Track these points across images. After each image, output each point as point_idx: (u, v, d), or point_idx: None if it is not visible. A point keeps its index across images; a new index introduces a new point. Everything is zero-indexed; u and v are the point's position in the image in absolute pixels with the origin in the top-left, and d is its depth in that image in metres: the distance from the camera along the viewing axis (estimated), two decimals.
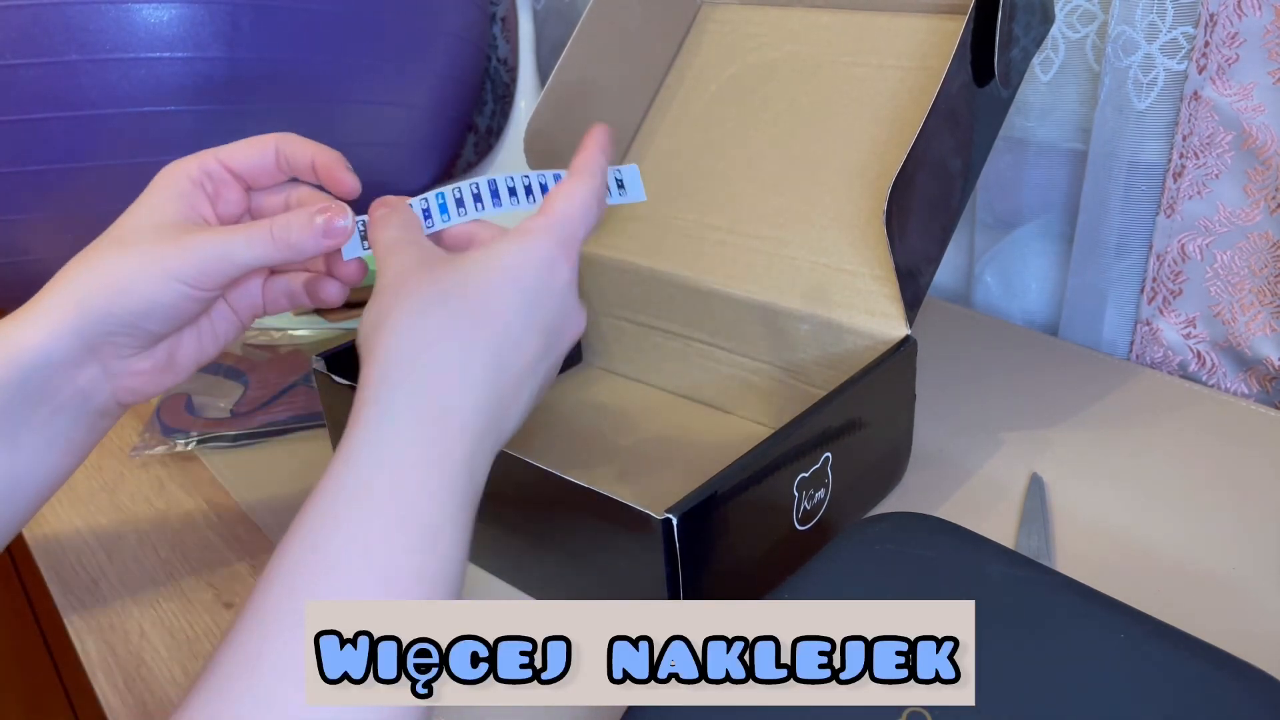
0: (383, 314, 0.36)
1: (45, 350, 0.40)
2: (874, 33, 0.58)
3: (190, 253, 0.41)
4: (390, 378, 0.35)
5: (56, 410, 0.42)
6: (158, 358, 0.44)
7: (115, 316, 0.41)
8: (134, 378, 0.44)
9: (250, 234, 0.41)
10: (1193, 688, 0.32)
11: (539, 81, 0.93)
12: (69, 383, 0.42)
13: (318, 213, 0.42)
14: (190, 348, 0.46)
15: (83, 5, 0.67)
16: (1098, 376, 0.62)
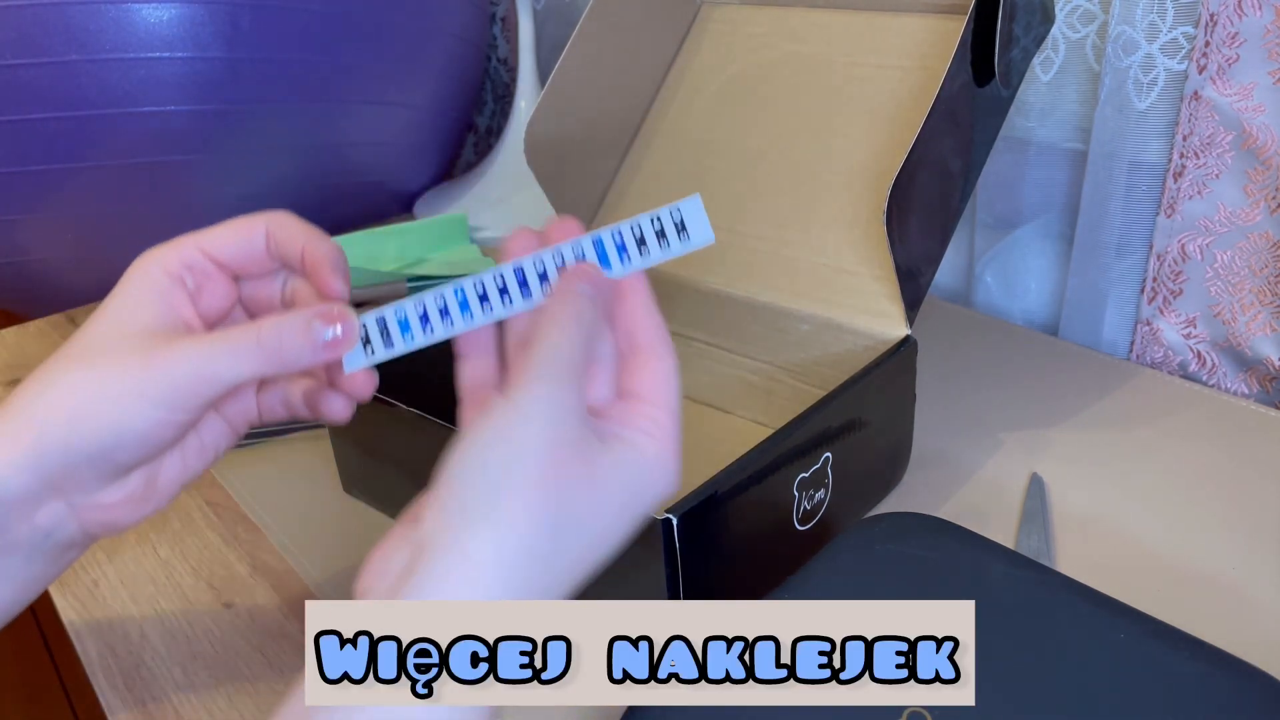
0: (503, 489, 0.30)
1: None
2: (874, 33, 0.58)
3: (165, 372, 0.34)
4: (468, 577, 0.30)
5: (8, 549, 0.35)
6: (132, 487, 0.37)
7: (77, 449, 0.34)
8: (104, 511, 0.37)
9: (234, 345, 0.35)
10: (1193, 688, 0.32)
11: (539, 81, 0.93)
12: (24, 520, 0.35)
13: (315, 318, 0.35)
14: (173, 470, 0.38)
15: (83, 5, 0.67)
16: (1098, 376, 0.62)
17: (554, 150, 0.61)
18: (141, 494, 0.37)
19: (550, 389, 0.32)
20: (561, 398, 0.32)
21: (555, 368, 0.32)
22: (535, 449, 0.31)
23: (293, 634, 0.47)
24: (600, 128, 0.64)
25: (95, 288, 0.84)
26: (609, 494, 0.32)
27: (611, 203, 0.65)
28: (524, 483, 0.30)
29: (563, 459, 0.31)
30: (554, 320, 0.34)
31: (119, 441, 0.34)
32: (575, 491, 0.31)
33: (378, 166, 0.89)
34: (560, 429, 0.31)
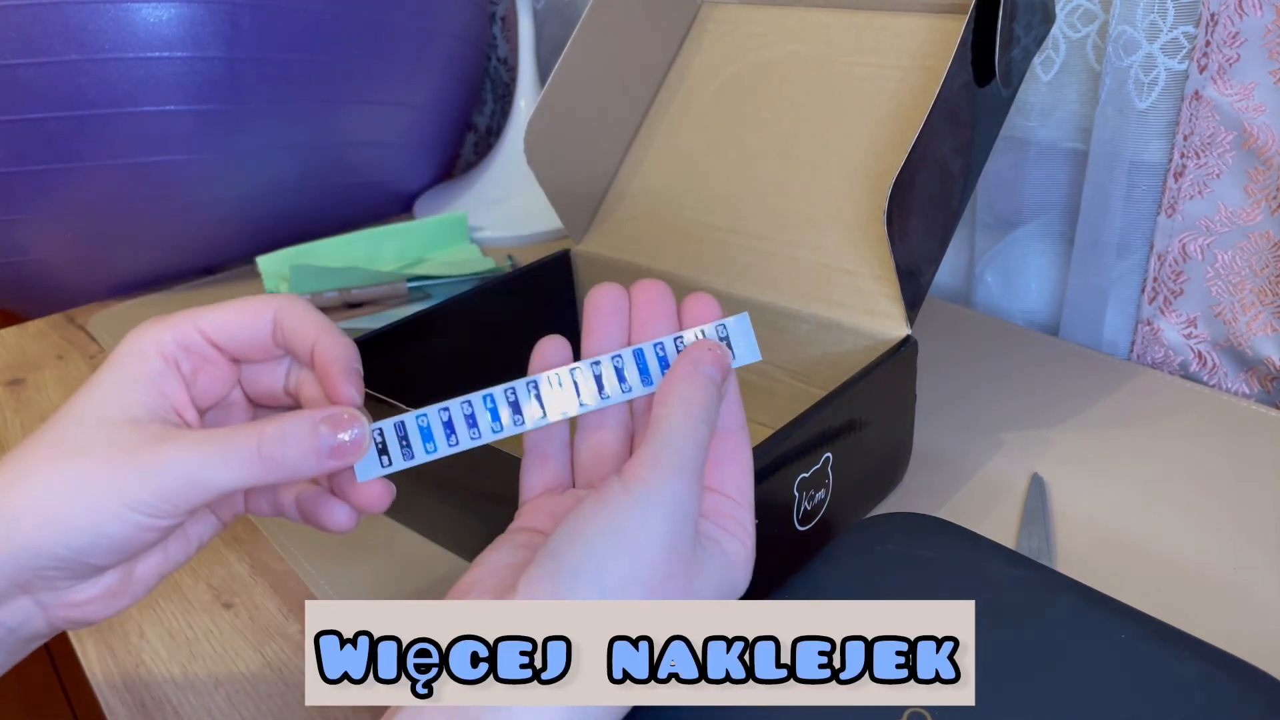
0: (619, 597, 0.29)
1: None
2: (874, 32, 0.58)
3: (152, 476, 0.31)
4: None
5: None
6: (106, 584, 0.34)
7: (48, 551, 0.31)
8: (75, 609, 0.34)
9: (231, 452, 0.32)
10: (1193, 688, 0.31)
11: (539, 81, 0.93)
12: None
13: (321, 423, 0.32)
14: (152, 565, 0.35)
15: (83, 5, 0.67)
16: (1098, 376, 0.62)
17: (554, 150, 0.61)
18: (116, 589, 0.34)
19: (673, 487, 0.31)
20: (683, 497, 0.31)
21: (679, 461, 0.31)
22: (653, 557, 0.30)
23: (293, 634, 0.47)
24: (600, 128, 0.64)
25: (95, 288, 0.84)
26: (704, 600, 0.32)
27: (611, 203, 0.65)
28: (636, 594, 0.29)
29: (674, 571, 0.30)
30: (682, 403, 0.32)
31: (95, 546, 0.32)
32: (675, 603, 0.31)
33: (378, 166, 0.89)
34: (678, 534, 0.30)
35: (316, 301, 0.77)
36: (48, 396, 0.71)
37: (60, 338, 0.80)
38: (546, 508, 0.36)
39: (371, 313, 0.77)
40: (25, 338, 0.80)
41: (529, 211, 0.90)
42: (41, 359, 0.77)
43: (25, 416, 0.69)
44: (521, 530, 0.35)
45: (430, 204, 0.96)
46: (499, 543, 0.34)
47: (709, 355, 0.34)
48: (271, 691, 0.44)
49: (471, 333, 0.60)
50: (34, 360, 0.77)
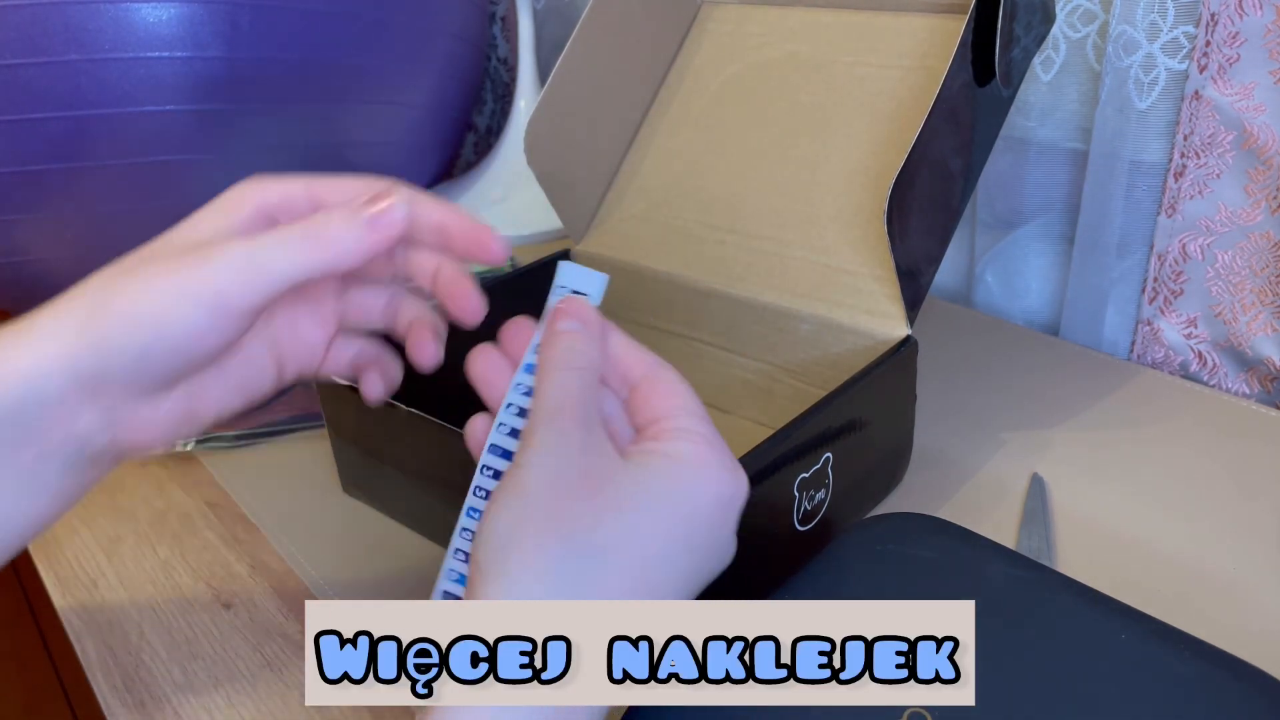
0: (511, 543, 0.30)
1: (34, 384, 0.33)
2: (875, 32, 0.58)
3: (211, 267, 0.33)
4: None
5: (45, 455, 0.34)
6: (171, 408, 0.36)
7: (116, 349, 0.33)
8: (139, 429, 0.36)
9: (282, 237, 0.34)
10: (1193, 688, 0.31)
11: (539, 81, 0.93)
12: (61, 426, 0.34)
13: (366, 204, 0.35)
14: (213, 397, 0.37)
15: (83, 5, 0.67)
16: (1098, 376, 0.62)
17: (554, 150, 0.61)
18: (180, 417, 0.36)
19: (545, 434, 0.32)
20: (557, 438, 0.32)
21: (550, 412, 0.32)
22: (536, 495, 0.31)
23: (292, 634, 0.47)
24: (600, 128, 0.64)
25: None
26: (642, 510, 0.31)
27: (611, 202, 0.65)
28: (528, 530, 0.30)
29: (572, 489, 0.31)
30: (543, 369, 0.34)
31: (158, 343, 0.33)
32: (593, 516, 0.31)
33: (378, 166, 0.89)
34: (561, 467, 0.31)
35: None
36: None
37: None
38: None
39: None
40: None
41: (529, 211, 0.90)
42: None
43: None
44: None
45: None
46: None
47: (558, 314, 0.36)
48: (271, 691, 0.44)
49: (472, 333, 0.60)
50: None
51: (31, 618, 1.47)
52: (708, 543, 0.33)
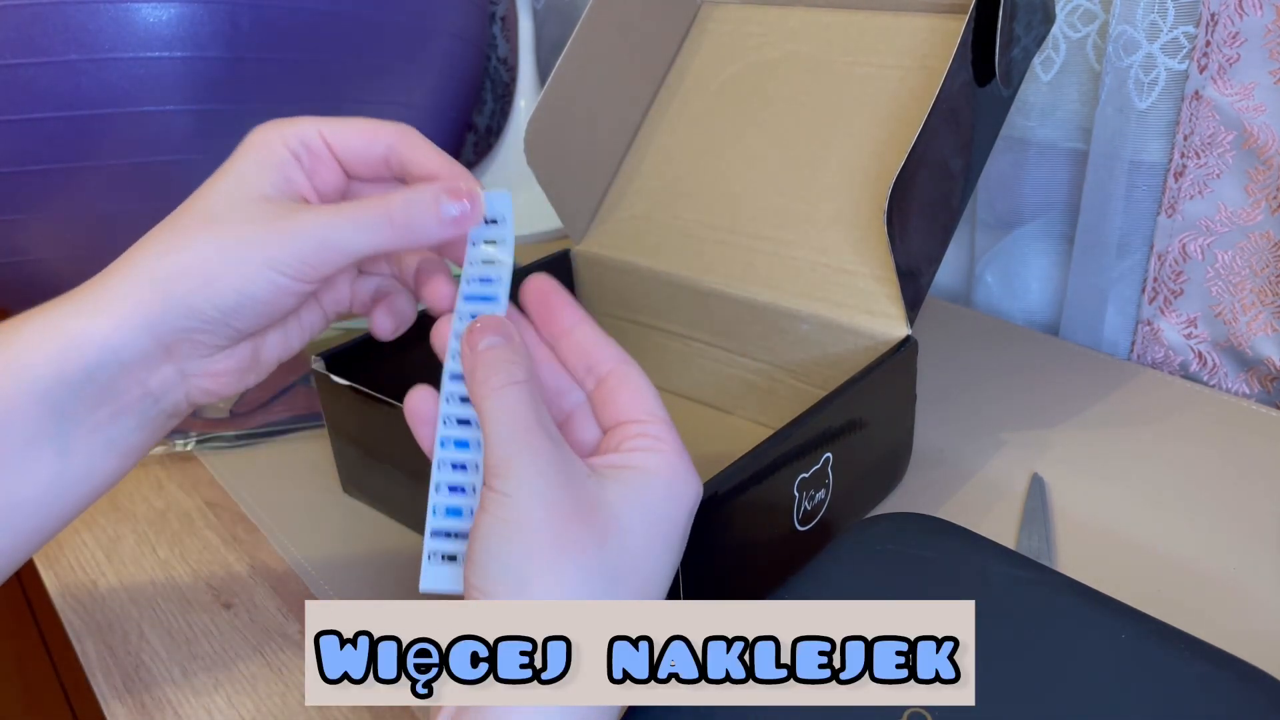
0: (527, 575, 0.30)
1: (112, 346, 0.34)
2: (875, 32, 0.58)
3: (293, 239, 0.35)
4: None
5: (119, 412, 0.36)
6: (241, 356, 0.38)
7: (199, 312, 0.35)
8: (213, 379, 0.38)
9: (364, 218, 0.35)
10: (1193, 688, 0.31)
11: (539, 81, 0.93)
12: (138, 384, 0.36)
13: (442, 193, 0.37)
14: (276, 344, 0.40)
15: (83, 5, 0.67)
16: (1098, 377, 0.62)
17: (554, 150, 0.61)
18: (248, 365, 0.38)
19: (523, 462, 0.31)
20: (537, 464, 0.32)
21: (517, 439, 0.32)
22: (536, 526, 0.31)
23: (292, 634, 0.47)
24: (600, 128, 0.64)
25: None
26: (633, 533, 0.32)
27: (611, 202, 0.65)
28: (540, 558, 0.30)
29: (570, 521, 0.31)
30: (484, 391, 0.33)
31: (241, 307, 0.35)
32: (594, 548, 0.31)
33: None
34: (552, 492, 0.31)
35: None
36: None
37: None
38: None
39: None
40: None
41: (529, 211, 0.90)
42: None
43: None
44: None
45: None
46: None
47: (475, 335, 0.35)
48: (271, 691, 0.44)
49: None
50: None
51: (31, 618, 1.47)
52: (680, 546, 0.34)
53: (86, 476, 0.36)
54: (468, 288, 0.38)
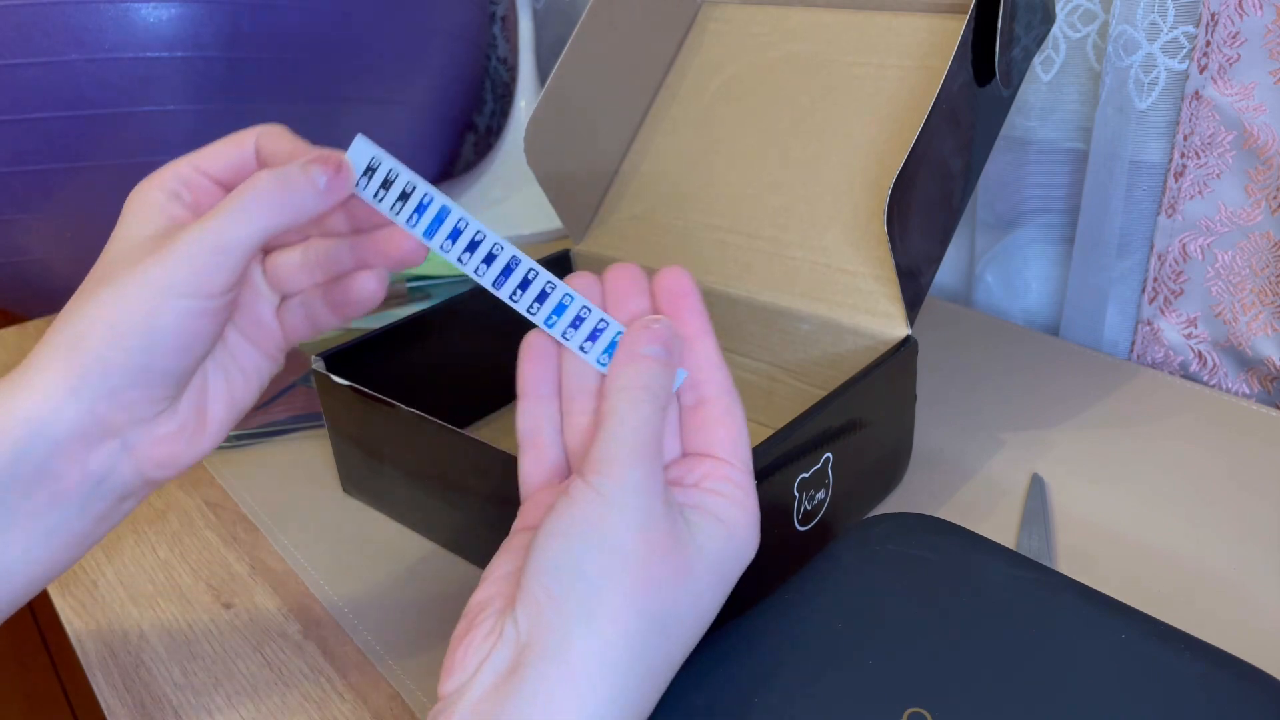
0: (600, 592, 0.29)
1: (40, 421, 0.33)
2: (875, 32, 0.58)
3: (179, 256, 0.33)
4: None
5: (58, 497, 0.34)
6: (184, 416, 0.36)
7: (116, 363, 0.33)
8: (159, 445, 0.35)
9: (234, 205, 0.34)
10: (1193, 688, 0.31)
11: (539, 81, 0.93)
12: (76, 465, 0.34)
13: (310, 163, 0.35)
14: (220, 395, 0.38)
15: (83, 5, 0.67)
16: (1099, 376, 0.62)
17: (554, 150, 0.61)
18: (195, 425, 0.36)
19: (636, 476, 0.31)
20: (648, 484, 0.31)
21: (632, 448, 0.31)
22: (628, 543, 0.30)
23: (292, 634, 0.47)
24: (600, 127, 0.64)
25: None
26: (704, 579, 0.32)
27: (611, 202, 0.65)
28: (621, 581, 0.30)
29: (654, 551, 0.30)
30: (626, 392, 0.33)
31: (154, 344, 0.33)
32: (670, 585, 0.30)
33: None
34: (648, 516, 0.31)
35: None
36: None
37: None
38: (546, 502, 0.36)
39: (371, 313, 0.76)
40: (25, 338, 0.80)
41: (529, 211, 0.90)
42: None
43: None
44: (521, 531, 0.35)
45: None
46: (503, 548, 0.34)
47: (645, 336, 0.34)
48: (271, 691, 0.44)
49: (471, 333, 0.60)
50: None
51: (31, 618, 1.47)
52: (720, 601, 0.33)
53: (23, 568, 0.34)
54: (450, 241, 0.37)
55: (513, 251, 0.36)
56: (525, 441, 0.37)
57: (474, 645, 0.30)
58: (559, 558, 0.30)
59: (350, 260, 0.38)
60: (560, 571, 0.30)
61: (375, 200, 0.37)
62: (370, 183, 0.37)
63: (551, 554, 0.30)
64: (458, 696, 0.29)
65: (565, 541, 0.30)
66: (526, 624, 0.29)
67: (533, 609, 0.30)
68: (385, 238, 0.37)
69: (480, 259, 0.37)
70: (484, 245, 0.36)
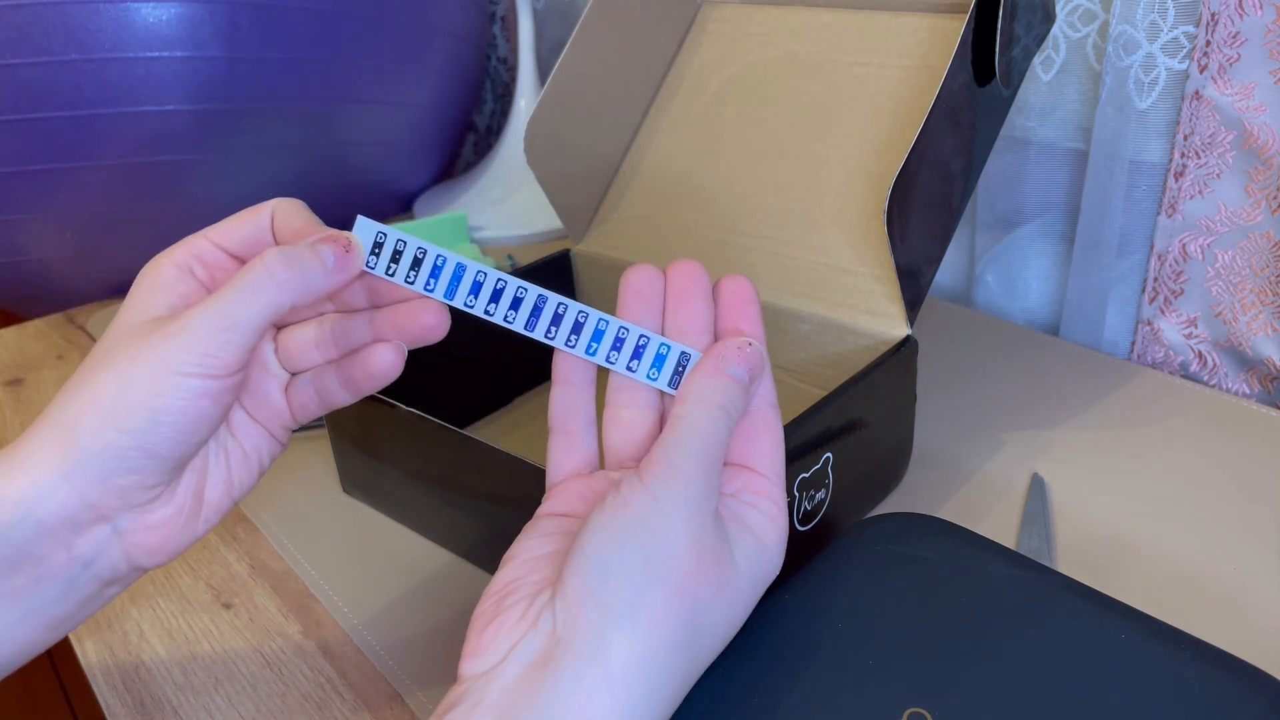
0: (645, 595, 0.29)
1: (27, 504, 0.32)
2: (875, 32, 0.58)
3: (186, 336, 0.33)
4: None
5: (40, 579, 0.33)
6: (180, 502, 0.35)
7: (113, 446, 0.32)
8: (151, 532, 0.35)
9: (243, 284, 0.33)
10: (1193, 688, 0.31)
11: (539, 81, 0.93)
12: (62, 547, 0.33)
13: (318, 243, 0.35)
14: (219, 480, 0.37)
15: (82, 5, 0.67)
16: (1099, 376, 0.62)
17: (554, 150, 0.61)
18: (190, 510, 0.36)
19: (693, 486, 0.31)
20: (703, 495, 0.31)
21: (698, 461, 0.31)
22: (678, 551, 0.30)
23: (292, 634, 0.47)
24: (600, 127, 0.64)
25: (95, 288, 0.84)
26: (738, 593, 0.32)
27: (611, 202, 0.65)
28: (666, 588, 0.29)
29: (701, 563, 0.30)
30: (701, 402, 0.33)
31: (156, 425, 0.32)
32: (709, 598, 0.30)
33: (378, 166, 0.89)
34: (700, 529, 0.30)
35: None
36: (47, 396, 0.71)
37: (60, 338, 0.80)
38: (576, 491, 0.36)
39: None
40: (25, 338, 0.80)
41: (529, 211, 0.90)
42: (41, 359, 0.77)
43: (25, 416, 0.69)
44: (550, 516, 0.35)
45: (430, 204, 0.96)
46: (529, 531, 0.34)
47: (736, 355, 0.34)
48: (271, 691, 0.44)
49: (471, 333, 0.60)
50: (34, 360, 0.77)
51: None
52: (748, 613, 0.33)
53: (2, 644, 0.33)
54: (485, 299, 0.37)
55: (537, 290, 0.36)
56: (556, 428, 0.37)
57: (505, 628, 0.30)
58: (607, 554, 0.30)
59: (367, 335, 0.38)
60: (607, 569, 0.29)
61: (388, 275, 0.37)
62: (380, 258, 0.37)
63: (599, 550, 0.30)
64: (488, 680, 0.29)
65: (615, 539, 0.30)
66: (564, 617, 0.29)
67: (573, 602, 0.29)
68: (406, 312, 0.37)
69: (507, 306, 0.37)
70: (507, 291, 0.37)
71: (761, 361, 0.34)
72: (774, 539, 0.33)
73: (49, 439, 0.33)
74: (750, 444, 0.34)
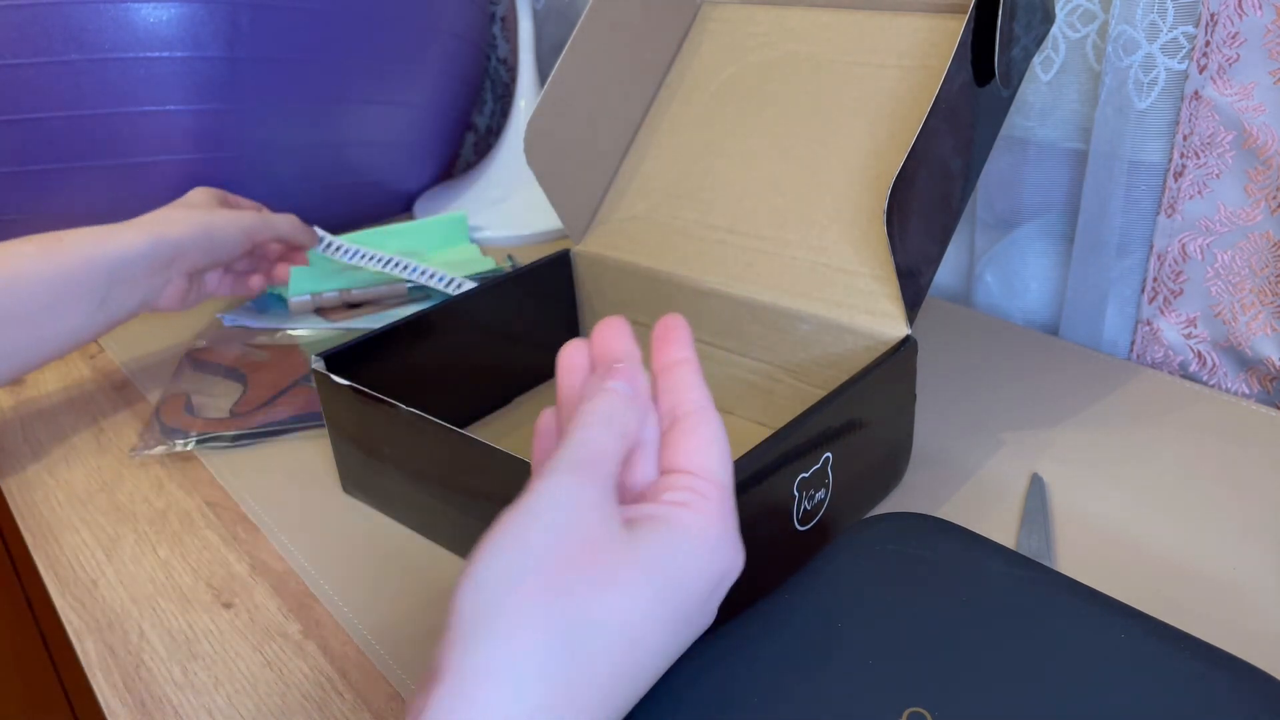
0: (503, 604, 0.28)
1: (126, 256, 0.61)
2: (874, 32, 0.58)
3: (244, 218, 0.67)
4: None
5: (111, 299, 0.62)
6: (189, 287, 0.66)
7: (190, 243, 0.64)
8: (168, 294, 0.65)
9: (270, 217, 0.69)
10: (1193, 688, 0.31)
11: (539, 81, 0.93)
12: (135, 286, 0.62)
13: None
14: (211, 286, 0.70)
15: (83, 5, 0.67)
16: (1098, 376, 0.62)
17: (554, 150, 0.61)
18: (184, 292, 0.66)
19: (564, 483, 0.30)
20: (577, 493, 0.30)
21: (573, 462, 0.31)
22: (542, 550, 0.29)
23: (292, 634, 0.47)
24: (600, 128, 0.64)
25: None
26: (635, 586, 0.30)
27: (611, 202, 0.65)
28: (527, 590, 0.28)
29: (573, 557, 0.29)
30: (582, 417, 0.33)
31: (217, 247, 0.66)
32: (589, 591, 0.29)
33: (378, 166, 0.89)
34: (573, 525, 0.30)
35: (316, 301, 0.77)
36: (47, 396, 0.71)
37: None
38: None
39: (371, 312, 0.77)
40: None
41: (529, 211, 0.90)
42: None
43: (25, 416, 0.69)
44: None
45: (430, 204, 0.96)
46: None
47: (609, 374, 0.35)
48: (271, 691, 0.44)
49: (471, 333, 0.61)
50: None
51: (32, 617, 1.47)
52: (694, 616, 0.32)
53: (81, 330, 0.61)
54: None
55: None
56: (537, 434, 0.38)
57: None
58: (476, 568, 0.29)
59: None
60: (473, 583, 0.29)
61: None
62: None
63: (472, 565, 0.29)
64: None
65: (484, 553, 0.29)
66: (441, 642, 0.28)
67: (447, 624, 0.28)
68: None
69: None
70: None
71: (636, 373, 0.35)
72: (691, 521, 0.32)
73: (147, 228, 0.63)
74: (677, 445, 0.34)
